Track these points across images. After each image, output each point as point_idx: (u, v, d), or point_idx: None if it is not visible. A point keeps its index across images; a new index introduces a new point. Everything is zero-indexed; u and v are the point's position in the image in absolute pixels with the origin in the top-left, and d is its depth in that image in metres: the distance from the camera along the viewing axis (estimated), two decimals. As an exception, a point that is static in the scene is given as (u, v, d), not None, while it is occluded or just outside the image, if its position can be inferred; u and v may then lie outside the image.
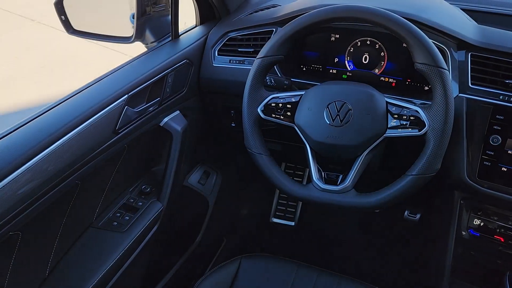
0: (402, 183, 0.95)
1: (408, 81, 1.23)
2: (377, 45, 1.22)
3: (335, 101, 0.99)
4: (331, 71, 1.30)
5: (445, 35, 1.08)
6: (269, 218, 2.04)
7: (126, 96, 1.02)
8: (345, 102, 0.98)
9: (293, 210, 2.04)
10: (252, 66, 1.04)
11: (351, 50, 1.25)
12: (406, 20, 0.92)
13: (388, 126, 0.96)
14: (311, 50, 1.30)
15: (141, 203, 1.19)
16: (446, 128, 0.91)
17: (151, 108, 1.13)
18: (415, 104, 0.96)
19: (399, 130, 0.95)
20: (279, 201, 2.04)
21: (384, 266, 1.80)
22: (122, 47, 4.14)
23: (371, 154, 1.00)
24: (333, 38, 1.26)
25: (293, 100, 1.04)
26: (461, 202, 1.14)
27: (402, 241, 1.85)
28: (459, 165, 1.07)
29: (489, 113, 1.03)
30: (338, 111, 0.98)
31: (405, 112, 0.95)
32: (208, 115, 1.41)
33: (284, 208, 2.04)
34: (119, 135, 1.02)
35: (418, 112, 0.93)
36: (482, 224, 1.13)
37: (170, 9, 1.24)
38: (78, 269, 1.02)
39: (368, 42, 1.23)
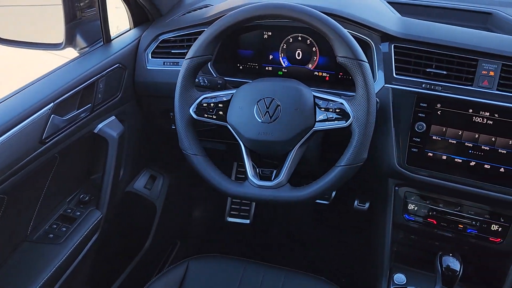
0: (332, 175, 0.97)
1: (341, 75, 1.26)
2: (308, 41, 1.24)
3: (264, 98, 1.00)
4: (267, 68, 1.32)
5: (368, 28, 1.12)
6: (224, 217, 2.04)
7: (52, 104, 1.00)
8: (273, 99, 0.99)
9: (248, 208, 2.05)
10: (181, 67, 1.03)
11: (284, 47, 1.27)
12: (324, 15, 0.94)
13: (316, 119, 0.98)
14: (246, 49, 1.31)
15: (79, 213, 1.16)
16: (369, 118, 0.94)
17: (82, 115, 1.11)
18: (340, 96, 0.98)
19: (327, 123, 0.98)
20: (233, 200, 2.05)
21: (336, 257, 1.84)
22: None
23: (303, 147, 1.01)
24: (266, 36, 1.28)
25: (225, 99, 1.04)
26: (395, 188, 1.18)
27: (354, 231, 1.89)
28: (388, 153, 1.11)
29: (413, 101, 1.08)
30: (267, 108, 0.99)
31: (331, 105, 0.97)
32: (147, 119, 1.40)
33: (238, 206, 2.05)
34: (47, 144, 1.00)
35: (343, 104, 0.96)
36: (416, 208, 1.18)
37: (98, 13, 1.22)
38: (12, 285, 0.98)
39: (300, 38, 1.25)
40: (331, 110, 0.97)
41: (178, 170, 1.69)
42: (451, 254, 1.02)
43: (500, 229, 1.11)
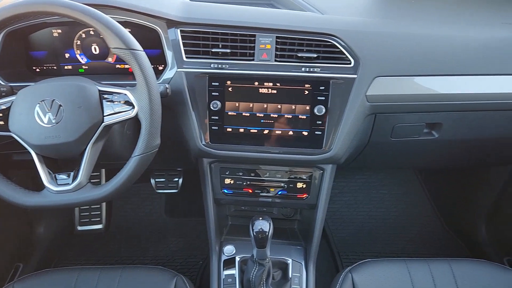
0: (129, 166, 0.97)
1: (142, 64, 1.25)
2: (101, 35, 1.21)
3: (44, 100, 0.95)
4: (65, 67, 1.25)
5: (151, 16, 1.12)
6: (74, 228, 1.95)
7: None
8: (54, 99, 0.95)
9: (98, 212, 1.97)
10: None
11: (78, 43, 1.22)
12: (87, 7, 0.92)
13: (104, 114, 0.97)
14: (38, 50, 1.23)
15: None
16: (153, 106, 0.95)
17: None
18: (125, 87, 0.98)
19: (115, 115, 0.97)
20: (81, 207, 1.95)
21: (189, 243, 1.88)
22: None
23: (99, 144, 0.99)
24: (55, 34, 1.21)
25: (3, 107, 0.97)
26: (211, 166, 1.23)
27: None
28: (193, 134, 1.14)
29: (206, 82, 1.12)
30: (49, 110, 0.95)
31: (116, 97, 0.97)
32: None
33: (88, 213, 1.96)
34: None
35: (127, 95, 0.96)
36: (231, 182, 1.24)
37: None
38: None
39: (92, 33, 1.21)
40: (117, 102, 0.96)
41: None
42: (261, 218, 1.09)
43: (304, 186, 1.23)
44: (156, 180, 1.92)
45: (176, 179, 1.90)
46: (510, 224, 1.63)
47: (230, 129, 1.14)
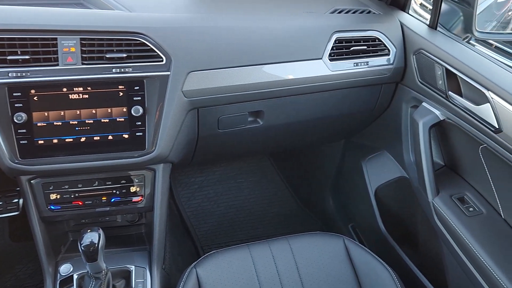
0: None
1: None
2: None
3: None
4: None
5: None
6: None
7: None
8: None
9: None
10: None
11: None
12: None
13: None
14: None
15: None
16: None
17: None
18: None
19: None
20: None
21: (35, 269, 1.73)
22: None
23: None
24: None
25: None
26: (31, 183, 1.13)
27: None
28: (-1, 152, 1.03)
29: (5, 93, 1.02)
30: None
31: None
32: None
33: None
34: None
35: None
36: (58, 196, 1.16)
37: None
38: None
39: None
40: None
41: None
42: (89, 230, 1.03)
43: (138, 189, 1.20)
44: (-9, 205, 1.71)
45: (16, 200, 1.72)
46: (349, 193, 1.80)
47: (42, 141, 1.05)
